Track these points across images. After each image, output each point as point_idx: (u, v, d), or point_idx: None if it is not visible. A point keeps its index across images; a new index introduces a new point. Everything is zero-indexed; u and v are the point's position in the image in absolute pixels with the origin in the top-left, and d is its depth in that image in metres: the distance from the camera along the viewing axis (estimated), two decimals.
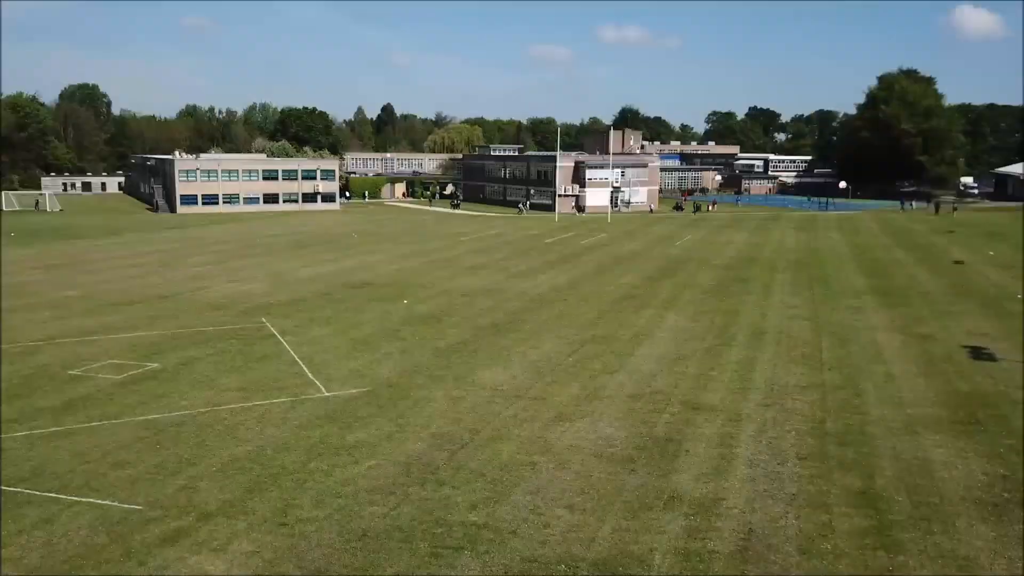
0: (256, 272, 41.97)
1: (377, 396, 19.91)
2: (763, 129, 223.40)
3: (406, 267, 43.71)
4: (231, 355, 24.17)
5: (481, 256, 48.92)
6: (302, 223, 74.39)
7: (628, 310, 30.99)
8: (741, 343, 25.42)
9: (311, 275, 40.71)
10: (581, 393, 20.01)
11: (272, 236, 61.96)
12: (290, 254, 49.98)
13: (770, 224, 72.96)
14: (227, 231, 66.80)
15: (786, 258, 47.46)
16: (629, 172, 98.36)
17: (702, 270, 41.97)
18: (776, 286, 36.92)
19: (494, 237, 61.47)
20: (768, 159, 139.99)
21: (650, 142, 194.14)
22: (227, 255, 49.53)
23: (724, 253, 49.95)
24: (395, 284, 37.74)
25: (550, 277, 39.94)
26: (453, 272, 41.88)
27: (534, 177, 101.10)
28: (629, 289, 35.94)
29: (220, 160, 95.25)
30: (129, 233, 64.79)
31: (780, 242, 56.75)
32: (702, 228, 68.85)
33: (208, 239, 59.41)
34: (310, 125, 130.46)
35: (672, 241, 57.97)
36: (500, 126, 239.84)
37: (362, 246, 54.34)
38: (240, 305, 32.59)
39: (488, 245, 55.56)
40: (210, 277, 40.21)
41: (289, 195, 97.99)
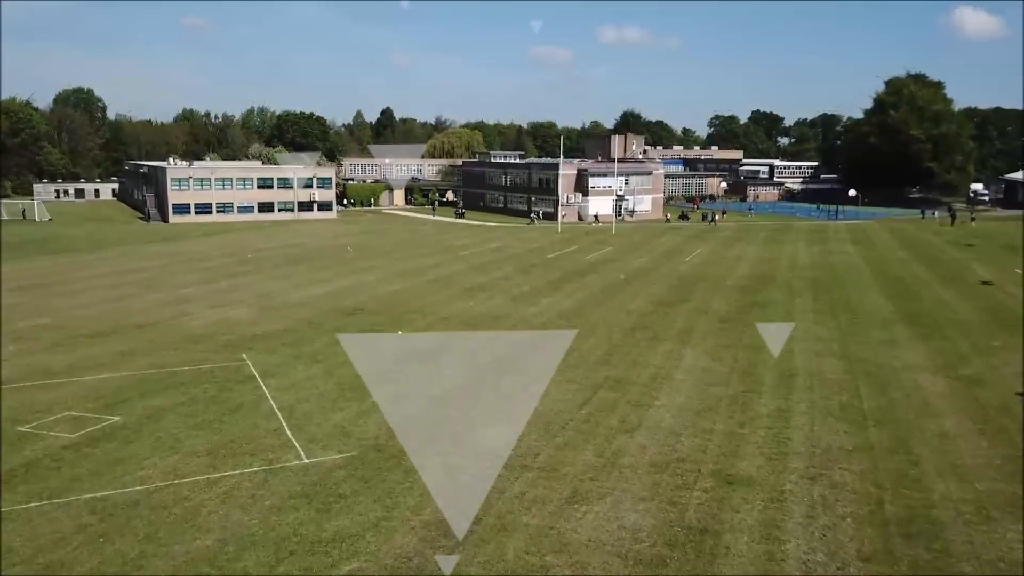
0: (243, 294, 39.48)
1: (363, 463, 17.46)
2: (766, 133, 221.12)
3: (402, 288, 41.22)
4: (204, 404, 21.69)
5: (481, 274, 46.45)
6: (296, 235, 71.92)
7: (641, 344, 28.51)
8: (770, 388, 22.93)
9: (301, 298, 38.23)
10: (597, 461, 17.53)
11: (264, 250, 59.47)
12: (281, 272, 47.50)
13: (780, 236, 70.48)
14: (218, 244, 64.32)
15: (803, 277, 44.98)
16: (633, 180, 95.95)
17: (716, 293, 39.47)
18: (797, 312, 34.44)
19: (494, 251, 58.99)
20: (773, 165, 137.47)
21: (652, 147, 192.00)
22: (215, 273, 47.04)
23: (737, 271, 47.48)
24: (389, 310, 35.27)
25: (555, 301, 37.46)
26: (451, 294, 39.41)
27: (536, 185, 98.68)
28: (640, 317, 33.45)
29: (214, 169, 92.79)
30: (116, 247, 62.30)
31: (793, 257, 54.28)
32: (710, 240, 66.37)
33: (197, 254, 56.91)
34: (307, 130, 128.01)
35: (681, 256, 55.47)
36: (500, 129, 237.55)
37: (357, 262, 51.86)
38: (222, 336, 30.12)
39: (488, 261, 53.09)
40: (194, 301, 37.72)
41: (285, 204, 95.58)
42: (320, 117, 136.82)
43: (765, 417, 20.41)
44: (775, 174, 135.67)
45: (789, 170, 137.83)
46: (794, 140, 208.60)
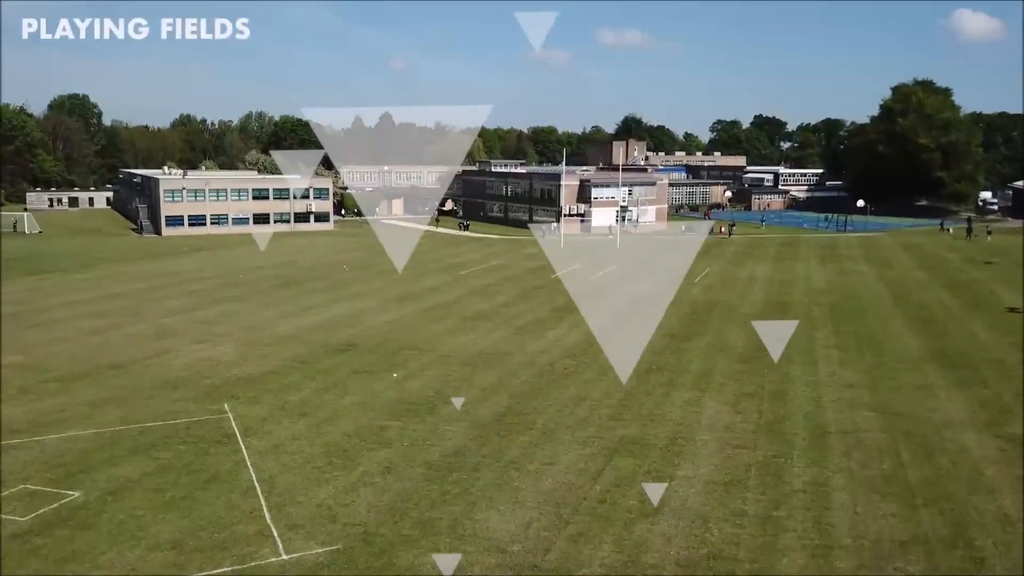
0: (230, 325, 37.32)
1: (349, 560, 15.28)
2: (769, 138, 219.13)
3: (398, 318, 39.04)
4: (176, 474, 19.53)
5: (482, 300, 44.29)
6: (291, 250, 69.74)
7: (657, 391, 26.33)
8: (802, 452, 20.76)
9: (291, 330, 36.05)
10: (617, 558, 15.34)
11: (256, 269, 57.29)
12: (272, 297, 45.33)
13: (790, 252, 68.33)
14: (210, 261, 62.14)
15: (820, 303, 42.82)
16: (637, 190, 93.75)
17: (731, 324, 37.29)
18: (820, 350, 32.25)
19: (496, 271, 56.83)
20: (778, 172, 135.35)
21: (654, 152, 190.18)
22: (202, 298, 44.87)
23: (750, 296, 45.31)
24: (384, 345, 33.09)
25: (560, 333, 35.28)
26: (451, 325, 37.25)
27: (537, 195, 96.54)
28: (653, 355, 31.24)
29: (208, 179, 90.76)
30: (104, 264, 60.14)
31: (808, 279, 52.11)
32: (718, 257, 64.18)
33: (186, 274, 54.73)
34: (304, 138, 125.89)
35: (689, 277, 53.26)
36: (500, 135, 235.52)
37: (352, 285, 49.70)
38: (203, 380, 27.96)
39: (489, 283, 50.92)
40: (177, 334, 35.55)
41: (281, 215, 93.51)
42: (318, 124, 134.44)
43: (801, 493, 18.23)
44: (780, 182, 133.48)
45: (794, 178, 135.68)
46: (797, 145, 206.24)
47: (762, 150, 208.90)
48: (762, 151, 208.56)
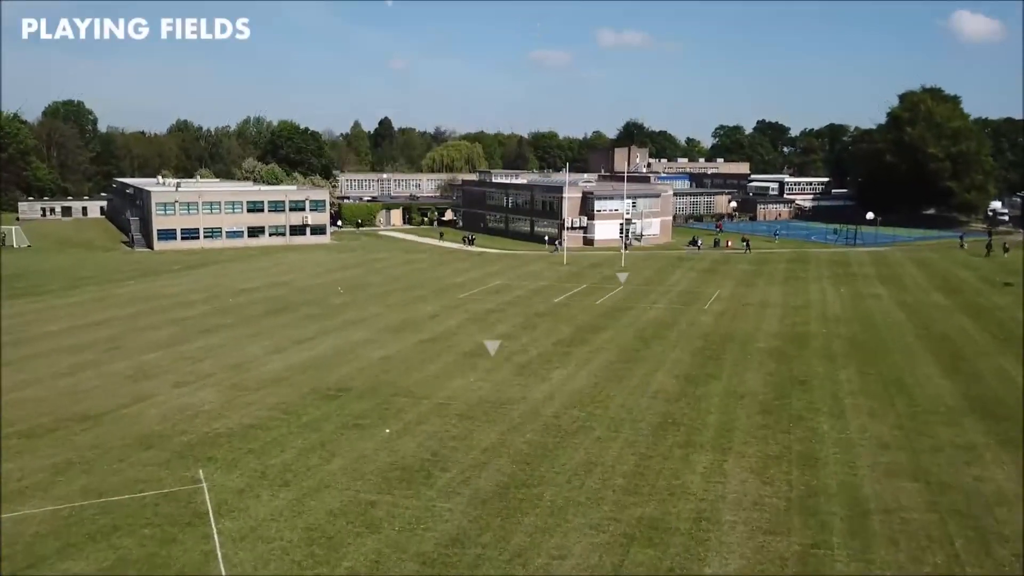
0: (215, 363, 35.05)
1: None
2: (772, 144, 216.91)
3: (393, 354, 36.75)
4: (136, 566, 17.24)
5: (482, 330, 41.98)
6: (285, 268, 67.50)
7: (675, 453, 24.03)
8: (843, 540, 18.47)
9: (279, 370, 33.78)
10: None
11: (248, 291, 55.04)
12: (262, 326, 43.06)
13: (801, 270, 66.04)
14: (200, 282, 59.86)
15: (840, 335, 40.53)
16: (641, 202, 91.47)
17: (748, 362, 34.99)
18: (846, 397, 29.94)
19: (496, 293, 54.54)
20: (784, 181, 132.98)
21: (656, 159, 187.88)
22: (189, 328, 42.59)
23: (765, 326, 43.02)
24: (377, 390, 30.81)
25: (567, 375, 32.99)
26: (449, 363, 34.97)
27: (539, 207, 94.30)
28: (667, 403, 28.95)
29: (201, 192, 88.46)
30: (90, 286, 57.86)
31: (823, 303, 49.82)
32: (728, 277, 61.93)
33: (174, 298, 52.45)
34: (301, 147, 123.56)
35: (699, 300, 51.05)
36: (501, 140, 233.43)
37: (346, 311, 47.43)
38: (180, 436, 25.69)
39: (490, 308, 48.65)
40: (158, 374, 33.29)
41: (276, 228, 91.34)
42: (315, 132, 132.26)
43: None
44: (785, 191, 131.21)
45: (800, 186, 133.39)
46: (800, 151, 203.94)
47: (765, 156, 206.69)
48: (765, 156, 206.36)
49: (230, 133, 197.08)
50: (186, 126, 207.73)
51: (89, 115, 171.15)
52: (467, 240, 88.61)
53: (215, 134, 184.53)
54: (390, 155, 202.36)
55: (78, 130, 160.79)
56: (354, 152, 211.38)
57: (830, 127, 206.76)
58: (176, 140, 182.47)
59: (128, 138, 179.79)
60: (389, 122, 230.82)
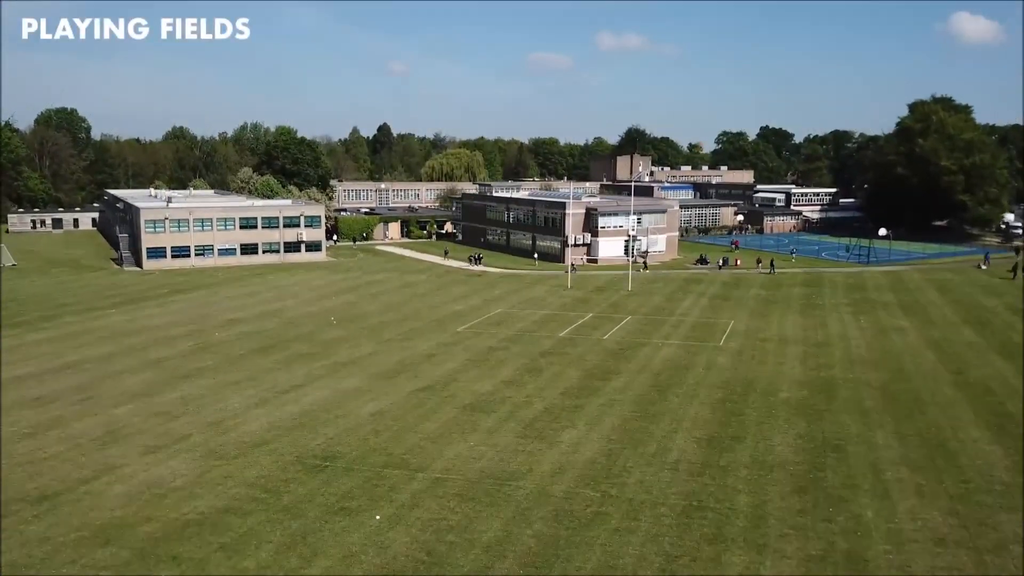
0: (192, 420, 32.11)
1: None
2: (776, 151, 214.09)
3: (386, 407, 33.79)
4: None
5: (483, 375, 39.05)
6: (277, 292, 64.55)
7: (704, 552, 21.06)
8: None
9: (261, 430, 30.83)
10: None
11: (236, 323, 52.12)
12: (246, 370, 40.10)
13: (816, 294, 63.09)
14: (186, 311, 56.88)
15: (868, 382, 37.56)
16: (647, 218, 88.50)
17: (775, 421, 32.03)
18: (887, 468, 26.96)
19: (498, 324, 51.60)
20: (790, 192, 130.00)
21: (659, 168, 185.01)
22: (168, 372, 39.65)
23: (786, 369, 40.08)
24: (368, 458, 27.87)
25: (576, 438, 30.00)
26: (447, 419, 32.03)
27: (541, 224, 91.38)
28: (690, 477, 26.00)
29: (192, 209, 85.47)
30: (69, 316, 54.89)
31: (845, 340, 46.86)
32: (740, 304, 58.98)
33: (156, 332, 49.50)
34: (298, 156, 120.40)
35: (713, 334, 48.13)
36: (501, 146, 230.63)
37: (338, 349, 44.48)
38: (144, 525, 22.78)
39: (491, 345, 45.71)
40: (128, 435, 30.36)
41: (270, 245, 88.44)
42: (312, 142, 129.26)
43: None
44: (792, 202, 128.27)
45: (806, 197, 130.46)
46: (804, 158, 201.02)
47: (769, 163, 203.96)
48: (769, 164, 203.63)
49: (227, 140, 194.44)
50: (182, 133, 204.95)
51: (82, 123, 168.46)
52: (474, 259, 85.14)
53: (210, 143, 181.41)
54: (389, 163, 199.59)
55: (71, 138, 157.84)
56: (352, 159, 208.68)
57: (834, 133, 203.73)
58: (171, 148, 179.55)
59: (122, 146, 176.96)
60: (388, 128, 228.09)
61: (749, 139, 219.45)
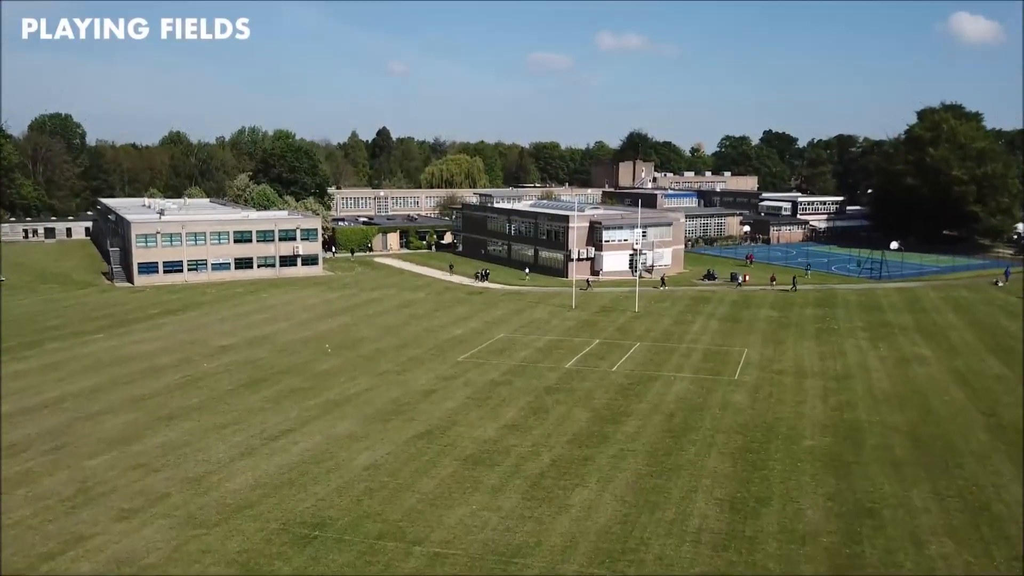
0: (171, 478, 29.77)
1: None
2: (779, 155, 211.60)
3: (381, 459, 31.47)
4: None
5: (484, 415, 36.76)
6: (270, 315, 62.17)
7: None
8: None
9: (245, 490, 28.51)
10: None
11: (226, 350, 49.81)
12: (233, 409, 37.78)
13: (830, 316, 60.75)
14: (175, 335, 54.50)
15: (895, 426, 35.28)
16: (652, 232, 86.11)
17: (801, 477, 29.71)
18: (929, 539, 24.65)
19: (501, 353, 49.30)
20: (797, 201, 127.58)
21: (662, 173, 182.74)
22: (150, 412, 37.32)
23: (808, 409, 37.77)
24: (360, 526, 25.55)
25: (588, 500, 27.67)
26: (446, 476, 29.73)
27: (543, 236, 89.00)
28: (714, 553, 23.69)
29: (184, 223, 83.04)
30: (54, 342, 52.54)
31: (866, 373, 44.55)
32: (752, 328, 56.66)
33: (142, 361, 47.16)
34: (295, 165, 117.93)
35: (727, 365, 45.84)
36: (502, 150, 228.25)
37: (331, 383, 42.15)
38: None
39: (493, 379, 43.40)
40: (100, 495, 28.06)
41: (265, 259, 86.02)
42: (309, 150, 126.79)
43: None
44: (798, 211, 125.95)
45: (813, 206, 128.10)
46: (808, 163, 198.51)
47: (773, 168, 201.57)
48: (773, 169, 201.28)
49: (224, 144, 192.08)
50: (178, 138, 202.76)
51: (77, 128, 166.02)
52: (480, 276, 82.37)
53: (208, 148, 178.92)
54: (388, 168, 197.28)
55: (65, 144, 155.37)
56: (352, 163, 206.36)
57: (839, 138, 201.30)
58: (167, 153, 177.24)
59: (118, 151, 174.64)
60: (387, 132, 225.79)
61: (752, 144, 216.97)
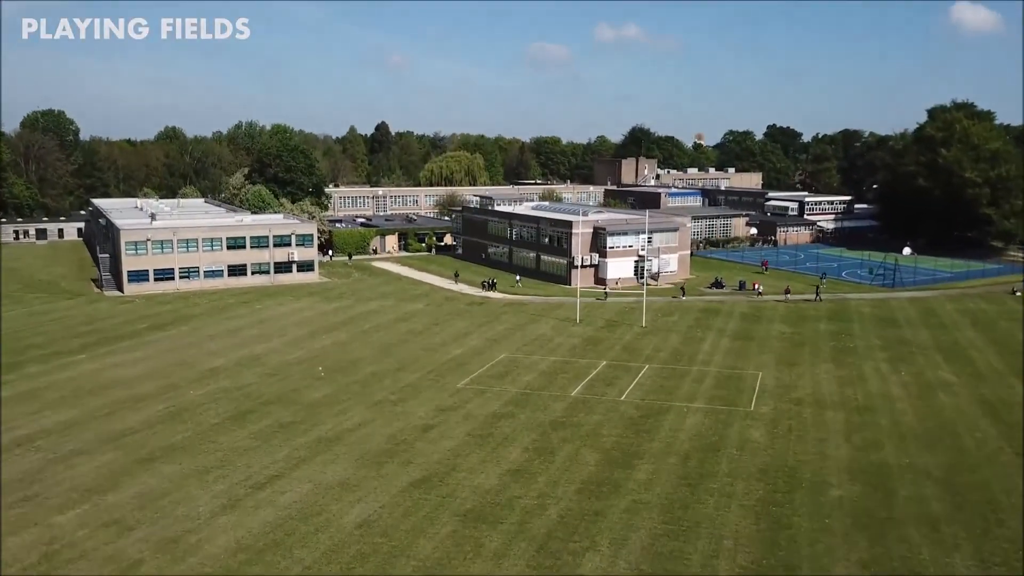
0: (145, 538, 27.39)
1: None
2: (784, 151, 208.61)
3: (374, 514, 29.08)
4: None
5: (484, 461, 34.35)
6: (262, 331, 59.70)
7: None
8: None
9: (224, 553, 26.14)
10: None
11: (214, 373, 47.42)
12: (218, 449, 35.41)
13: (846, 333, 58.30)
14: (162, 355, 52.08)
15: (929, 472, 32.87)
16: (658, 237, 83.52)
17: (832, 538, 27.30)
18: None
19: (503, 377, 46.92)
20: (804, 201, 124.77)
21: (665, 170, 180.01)
22: (127, 454, 34.90)
23: (831, 450, 35.38)
24: None
25: (599, 564, 25.30)
26: (443, 536, 27.33)
27: (545, 242, 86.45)
28: None
29: (176, 229, 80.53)
30: (33, 364, 50.13)
31: (889, 403, 42.16)
32: (765, 347, 54.25)
33: (123, 389, 44.76)
34: (291, 165, 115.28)
35: (742, 394, 43.43)
36: (502, 145, 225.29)
37: (322, 418, 39.76)
38: None
39: (495, 411, 41.02)
40: (66, 565, 25.62)
41: (259, 266, 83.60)
42: (305, 150, 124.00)
43: None
44: (805, 211, 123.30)
45: (820, 206, 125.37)
46: (813, 158, 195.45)
47: (777, 163, 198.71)
48: (777, 164, 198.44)
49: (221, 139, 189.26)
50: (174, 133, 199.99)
51: (70, 124, 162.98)
52: (486, 285, 79.14)
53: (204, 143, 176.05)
54: (387, 165, 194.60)
55: (58, 141, 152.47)
56: (350, 159, 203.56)
57: (843, 133, 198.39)
58: (163, 149, 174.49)
59: (112, 147, 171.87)
60: (386, 127, 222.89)
61: (756, 139, 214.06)
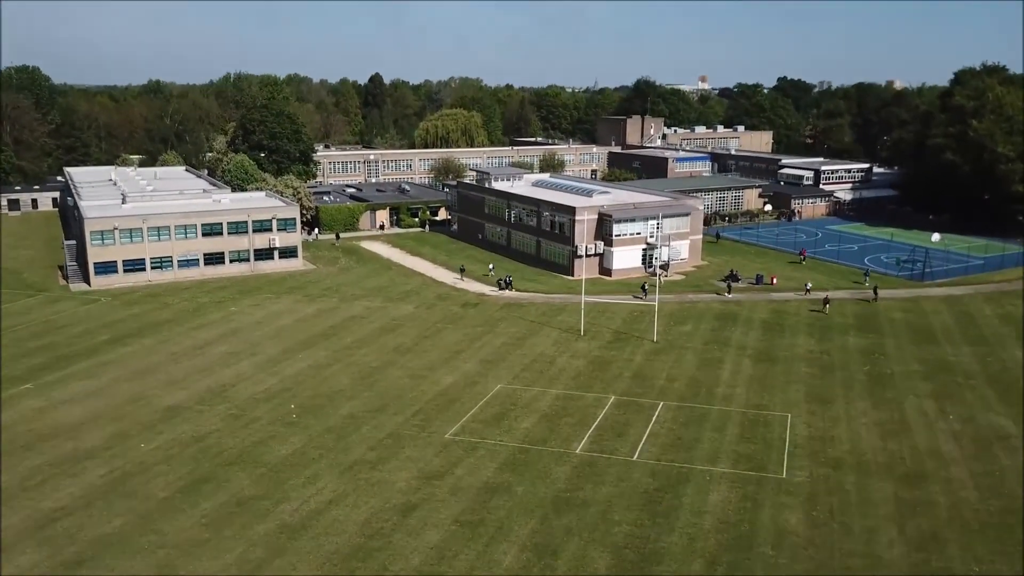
0: None
1: None
2: (795, 104, 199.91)
3: None
4: None
5: (474, 565, 28.91)
6: (234, 344, 53.92)
7: None
8: None
9: None
10: None
11: (171, 413, 41.85)
12: (160, 537, 29.95)
13: (878, 351, 52.62)
14: (117, 384, 46.45)
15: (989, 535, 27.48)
16: (668, 223, 77.12)
17: None
18: None
19: (497, 424, 41.35)
20: (820, 169, 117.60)
21: (671, 129, 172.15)
22: (51, 556, 29.43)
23: (881, 545, 29.98)
24: None
25: None
26: None
27: (546, 227, 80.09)
28: None
29: (146, 216, 74.09)
30: None
31: (940, 462, 36.79)
32: (791, 374, 48.63)
33: (66, 437, 39.25)
34: (276, 131, 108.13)
35: (770, 453, 37.91)
36: (501, 97, 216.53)
37: (288, 490, 34.26)
38: None
39: (488, 479, 35.54)
40: None
41: (237, 253, 77.57)
42: (291, 115, 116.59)
43: None
44: (820, 180, 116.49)
45: (837, 174, 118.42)
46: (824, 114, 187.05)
47: (787, 120, 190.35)
48: (787, 121, 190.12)
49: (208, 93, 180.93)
50: (159, 87, 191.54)
51: (45, 81, 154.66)
52: (502, 285, 70.65)
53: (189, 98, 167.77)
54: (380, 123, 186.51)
55: (33, 100, 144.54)
56: (343, 112, 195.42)
57: (858, 87, 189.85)
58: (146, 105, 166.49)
59: (93, 103, 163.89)
60: (380, 79, 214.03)
61: (764, 92, 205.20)
